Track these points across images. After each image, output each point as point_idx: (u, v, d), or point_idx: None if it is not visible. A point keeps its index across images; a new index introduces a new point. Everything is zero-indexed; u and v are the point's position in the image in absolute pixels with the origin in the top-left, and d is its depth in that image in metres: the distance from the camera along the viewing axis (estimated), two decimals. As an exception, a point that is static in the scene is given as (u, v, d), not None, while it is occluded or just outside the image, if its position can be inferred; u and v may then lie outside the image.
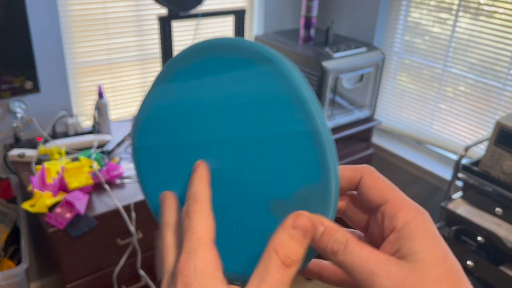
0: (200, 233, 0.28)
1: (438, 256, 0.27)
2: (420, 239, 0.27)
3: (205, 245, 0.28)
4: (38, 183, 1.49)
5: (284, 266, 0.26)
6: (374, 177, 0.31)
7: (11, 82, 1.72)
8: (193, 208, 0.30)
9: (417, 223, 0.28)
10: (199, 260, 0.27)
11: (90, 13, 1.87)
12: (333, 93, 1.99)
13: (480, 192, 1.70)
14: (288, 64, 0.30)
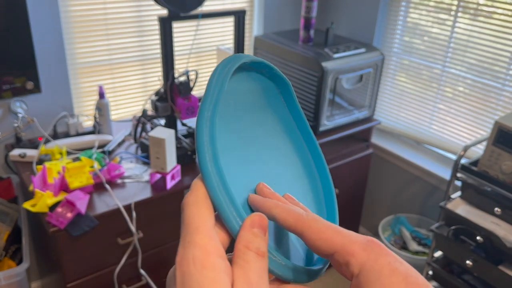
0: (197, 223, 0.28)
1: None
2: (378, 281, 0.28)
3: (202, 234, 0.28)
4: (39, 183, 1.50)
5: (259, 256, 0.28)
6: (316, 229, 0.30)
7: (12, 82, 1.73)
8: (187, 199, 0.30)
9: (371, 264, 0.28)
10: (198, 250, 0.27)
11: (91, 13, 1.88)
12: (333, 93, 2.00)
13: (479, 192, 1.70)
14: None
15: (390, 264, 0.28)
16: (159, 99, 1.72)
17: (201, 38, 2.22)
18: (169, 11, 1.59)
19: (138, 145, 1.84)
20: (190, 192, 0.31)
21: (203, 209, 0.30)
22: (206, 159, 0.32)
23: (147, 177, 1.65)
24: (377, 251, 0.28)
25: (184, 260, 0.27)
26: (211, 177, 0.31)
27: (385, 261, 0.28)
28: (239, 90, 0.38)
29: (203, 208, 0.30)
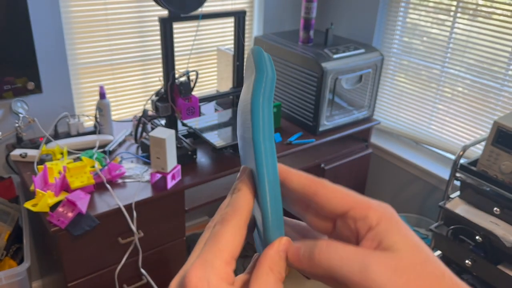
0: (224, 246, 0.28)
1: (416, 243, 0.29)
2: (396, 230, 0.29)
3: (223, 260, 0.28)
4: (40, 182, 1.50)
5: (279, 281, 0.29)
6: (331, 188, 0.31)
7: (13, 83, 1.74)
8: (229, 216, 0.30)
9: (389, 216, 0.30)
10: (214, 274, 0.27)
11: (91, 14, 1.88)
12: (332, 93, 2.00)
13: (478, 192, 1.71)
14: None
15: (402, 222, 0.30)
16: (159, 100, 1.73)
17: (201, 39, 2.23)
18: (169, 11, 1.60)
19: (139, 145, 1.85)
20: (233, 207, 0.30)
21: (235, 229, 0.29)
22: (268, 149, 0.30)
23: (148, 177, 1.66)
24: (392, 210, 0.30)
25: (200, 281, 0.27)
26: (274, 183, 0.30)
27: (399, 219, 0.30)
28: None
29: (236, 228, 0.29)
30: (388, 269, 0.27)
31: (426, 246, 0.29)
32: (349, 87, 2.07)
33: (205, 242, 0.29)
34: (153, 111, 1.79)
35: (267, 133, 0.31)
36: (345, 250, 0.29)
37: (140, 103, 2.15)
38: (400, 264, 0.28)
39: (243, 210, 0.30)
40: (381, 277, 0.27)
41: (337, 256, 0.28)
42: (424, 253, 0.28)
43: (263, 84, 0.32)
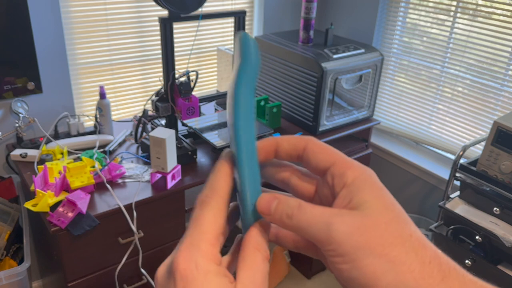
0: (207, 228, 0.29)
1: (387, 203, 0.29)
2: (369, 189, 0.29)
3: (208, 242, 0.28)
4: (40, 182, 1.50)
5: (266, 259, 0.30)
6: (319, 144, 0.33)
7: (13, 83, 1.74)
8: (207, 199, 0.30)
9: (365, 177, 0.30)
10: (201, 256, 0.27)
11: (91, 14, 1.88)
12: (332, 93, 2.01)
13: (478, 192, 1.71)
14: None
15: (380, 184, 0.30)
16: (159, 100, 1.73)
17: (201, 39, 2.23)
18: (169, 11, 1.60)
19: (139, 145, 1.85)
20: (209, 189, 0.31)
21: (215, 210, 0.30)
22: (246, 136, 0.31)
23: (148, 177, 1.66)
24: (371, 173, 0.31)
25: (187, 263, 0.27)
26: (249, 165, 0.31)
27: (377, 180, 0.30)
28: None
29: (216, 209, 0.30)
30: (350, 227, 0.28)
31: (399, 208, 0.29)
32: (349, 87, 2.07)
33: (188, 227, 0.30)
34: (153, 111, 1.80)
35: (246, 119, 0.32)
36: (313, 211, 0.29)
37: (140, 103, 2.15)
38: (364, 222, 0.28)
39: (221, 190, 0.31)
40: (342, 235, 0.27)
41: (305, 218, 0.29)
42: (393, 212, 0.29)
43: (246, 71, 0.32)
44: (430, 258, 0.27)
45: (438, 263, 0.27)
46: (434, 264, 0.27)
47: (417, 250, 0.27)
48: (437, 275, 0.27)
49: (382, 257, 0.27)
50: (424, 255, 0.27)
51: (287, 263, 2.35)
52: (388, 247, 0.27)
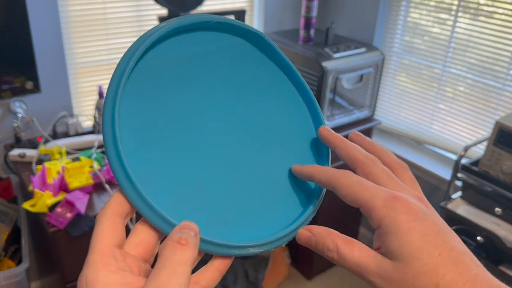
0: (94, 242, 0.29)
1: (413, 251, 0.28)
2: (395, 236, 0.29)
3: (96, 253, 0.28)
4: (38, 183, 1.49)
5: (182, 245, 0.28)
6: (345, 184, 0.32)
7: (11, 82, 1.73)
8: (97, 216, 0.31)
9: (390, 220, 0.29)
10: (89, 270, 0.27)
11: (90, 13, 1.87)
12: (333, 93, 1.99)
13: (479, 192, 1.70)
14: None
15: (408, 222, 0.29)
16: (159, 99, 1.72)
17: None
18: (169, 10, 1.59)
19: (138, 145, 1.84)
20: (104, 207, 0.31)
21: (105, 225, 0.30)
22: (114, 160, 0.31)
23: (147, 177, 1.65)
24: (398, 208, 0.30)
25: (79, 282, 0.28)
26: (127, 188, 0.30)
27: (404, 219, 0.29)
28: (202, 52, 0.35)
29: (106, 225, 0.30)
30: (384, 281, 0.29)
31: (428, 249, 0.28)
32: (350, 86, 2.06)
33: None
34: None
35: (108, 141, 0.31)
36: (351, 257, 0.31)
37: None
38: (393, 277, 0.29)
39: (109, 203, 0.31)
40: (377, 285, 0.30)
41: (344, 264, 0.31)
42: (419, 261, 0.28)
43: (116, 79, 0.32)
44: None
45: None
46: None
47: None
48: None
49: None
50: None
51: (287, 264, 2.34)
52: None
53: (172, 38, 0.34)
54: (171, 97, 0.34)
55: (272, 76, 0.39)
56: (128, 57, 0.32)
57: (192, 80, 0.35)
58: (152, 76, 0.33)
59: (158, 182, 0.32)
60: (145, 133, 0.33)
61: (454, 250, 0.29)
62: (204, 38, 0.36)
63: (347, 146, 0.35)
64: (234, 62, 0.37)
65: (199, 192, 0.34)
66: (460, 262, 0.28)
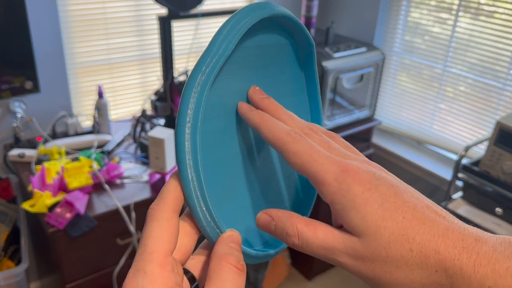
0: (152, 248, 0.26)
1: (376, 221, 0.27)
2: (353, 211, 0.27)
3: (155, 263, 0.26)
4: (38, 183, 1.49)
5: (239, 270, 0.27)
6: (293, 151, 0.30)
7: (11, 82, 1.72)
8: (153, 211, 0.28)
9: (343, 194, 0.28)
10: (148, 282, 0.25)
11: (90, 13, 1.87)
12: (333, 93, 1.99)
13: (480, 192, 1.70)
14: None
15: (363, 193, 0.27)
16: (158, 99, 1.72)
17: (200, 38, 2.21)
18: (168, 10, 1.58)
19: (137, 145, 1.83)
20: (157, 199, 0.29)
21: (165, 228, 0.27)
22: (184, 151, 0.29)
23: (147, 177, 1.65)
24: (349, 181, 0.28)
25: (130, 286, 0.25)
26: (188, 180, 0.29)
27: (358, 190, 0.27)
28: (251, 46, 0.34)
29: (165, 226, 0.27)
30: (354, 261, 0.28)
31: (391, 215, 0.27)
32: (350, 86, 2.05)
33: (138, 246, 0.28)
34: (152, 111, 1.78)
35: (193, 122, 0.29)
36: (314, 240, 0.28)
37: (139, 102, 2.14)
38: (365, 254, 0.27)
39: (168, 198, 0.28)
40: (351, 268, 0.28)
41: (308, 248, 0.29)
42: (386, 230, 0.26)
43: (203, 67, 0.30)
44: (436, 267, 0.25)
45: (444, 268, 0.25)
46: (441, 271, 0.25)
47: (421, 264, 0.26)
48: (445, 281, 0.25)
49: (392, 282, 0.27)
50: (428, 265, 0.26)
51: (287, 264, 2.34)
52: (395, 272, 0.26)
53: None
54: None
55: (295, 84, 0.39)
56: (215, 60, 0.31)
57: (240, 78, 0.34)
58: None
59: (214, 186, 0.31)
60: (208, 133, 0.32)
61: (416, 208, 0.27)
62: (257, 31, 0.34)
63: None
64: (268, 62, 0.36)
65: (238, 197, 0.34)
66: (427, 219, 0.26)
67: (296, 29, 0.36)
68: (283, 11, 0.34)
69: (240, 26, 0.31)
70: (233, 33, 0.31)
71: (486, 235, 0.26)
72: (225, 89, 0.33)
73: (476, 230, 0.26)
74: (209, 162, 0.31)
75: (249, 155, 0.35)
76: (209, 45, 0.31)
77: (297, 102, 0.39)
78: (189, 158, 0.29)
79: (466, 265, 0.25)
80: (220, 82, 0.32)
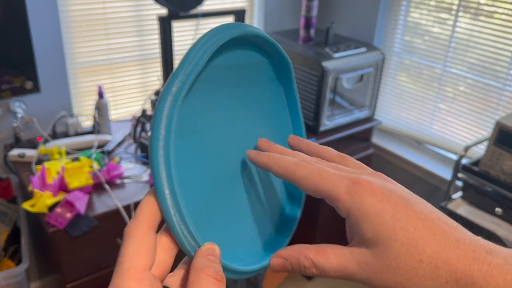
0: (129, 264, 0.27)
1: (387, 233, 0.27)
2: (366, 223, 0.28)
3: (132, 279, 0.26)
4: (38, 183, 1.49)
5: (217, 281, 0.27)
6: (304, 177, 0.31)
7: (11, 82, 1.72)
8: (129, 229, 0.28)
9: (356, 207, 0.29)
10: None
11: (90, 13, 1.87)
12: (333, 93, 1.99)
13: (480, 192, 1.70)
14: None
15: (376, 204, 0.28)
16: (158, 99, 1.72)
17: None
18: (168, 10, 1.58)
19: (138, 145, 1.83)
20: (133, 217, 0.29)
21: (140, 244, 0.27)
22: (159, 162, 0.29)
23: (147, 177, 1.65)
24: (361, 193, 0.29)
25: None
26: (164, 193, 0.29)
27: (370, 202, 0.28)
28: (226, 64, 0.34)
29: (140, 242, 0.27)
30: (369, 275, 0.28)
31: (402, 227, 0.27)
32: (350, 86, 2.05)
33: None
34: (152, 111, 1.78)
35: (165, 136, 0.29)
36: (330, 266, 0.30)
37: (139, 102, 2.14)
38: (377, 266, 0.28)
39: (143, 214, 0.28)
40: (364, 281, 0.29)
41: (326, 274, 0.30)
42: (397, 242, 0.27)
43: (176, 79, 0.30)
44: (446, 278, 0.26)
45: (455, 279, 0.26)
46: (452, 282, 0.26)
47: (431, 274, 0.26)
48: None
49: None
50: (439, 276, 0.26)
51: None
52: (406, 283, 0.27)
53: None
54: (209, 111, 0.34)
55: (276, 101, 0.39)
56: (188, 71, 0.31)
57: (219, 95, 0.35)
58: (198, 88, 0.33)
59: (191, 200, 0.31)
60: (186, 144, 0.32)
61: (428, 219, 0.27)
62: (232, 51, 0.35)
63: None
64: (247, 80, 0.37)
65: (219, 214, 0.34)
66: (438, 230, 0.27)
67: (271, 48, 0.37)
68: (256, 31, 0.34)
69: (211, 44, 0.31)
70: (203, 50, 0.31)
71: (498, 248, 0.26)
72: (201, 106, 0.33)
73: (488, 243, 0.27)
74: (188, 178, 0.31)
75: (232, 175, 0.35)
76: (180, 62, 0.31)
77: (279, 119, 0.40)
78: (163, 172, 0.29)
79: (477, 276, 0.25)
80: (194, 99, 0.32)
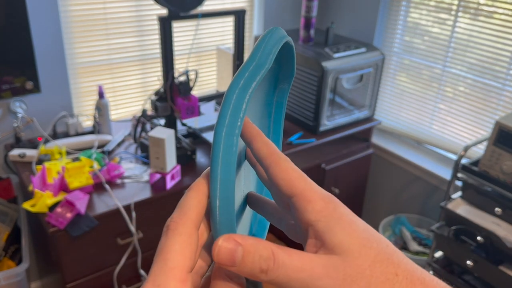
0: (174, 263, 0.25)
1: (362, 240, 0.26)
2: (338, 228, 0.26)
3: (177, 279, 0.25)
4: (38, 183, 1.49)
5: (240, 286, 0.26)
6: (283, 167, 0.29)
7: (11, 82, 1.73)
8: (174, 224, 0.27)
9: (329, 212, 0.27)
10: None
11: (90, 13, 1.87)
12: (333, 93, 1.99)
13: (479, 192, 1.70)
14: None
15: (349, 215, 0.27)
16: (158, 99, 1.72)
17: (201, 38, 2.21)
18: (169, 10, 1.59)
19: (138, 145, 1.84)
20: (179, 212, 0.27)
21: (184, 238, 0.26)
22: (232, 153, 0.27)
23: (147, 177, 1.65)
24: (336, 203, 0.28)
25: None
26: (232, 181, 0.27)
27: (343, 212, 0.27)
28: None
29: (187, 242, 0.26)
30: (335, 281, 0.25)
31: (375, 237, 0.27)
32: (350, 86, 2.06)
33: (154, 260, 0.26)
34: (152, 111, 1.78)
35: (232, 127, 0.28)
36: (291, 263, 0.25)
37: (139, 102, 2.14)
38: (347, 271, 0.25)
39: (191, 212, 0.27)
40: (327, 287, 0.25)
41: (284, 273, 0.25)
42: (372, 250, 0.26)
43: (247, 72, 0.29)
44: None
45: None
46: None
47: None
48: None
49: None
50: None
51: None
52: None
53: None
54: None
55: (265, 107, 0.39)
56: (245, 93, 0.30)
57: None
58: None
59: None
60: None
61: (390, 245, 0.27)
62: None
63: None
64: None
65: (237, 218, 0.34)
66: (404, 256, 0.27)
67: (288, 57, 0.36)
68: (290, 39, 0.34)
69: (276, 43, 0.31)
70: (274, 50, 0.31)
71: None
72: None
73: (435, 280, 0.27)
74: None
75: (238, 178, 0.35)
76: (258, 58, 0.30)
77: (260, 126, 0.39)
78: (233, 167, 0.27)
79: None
80: None
